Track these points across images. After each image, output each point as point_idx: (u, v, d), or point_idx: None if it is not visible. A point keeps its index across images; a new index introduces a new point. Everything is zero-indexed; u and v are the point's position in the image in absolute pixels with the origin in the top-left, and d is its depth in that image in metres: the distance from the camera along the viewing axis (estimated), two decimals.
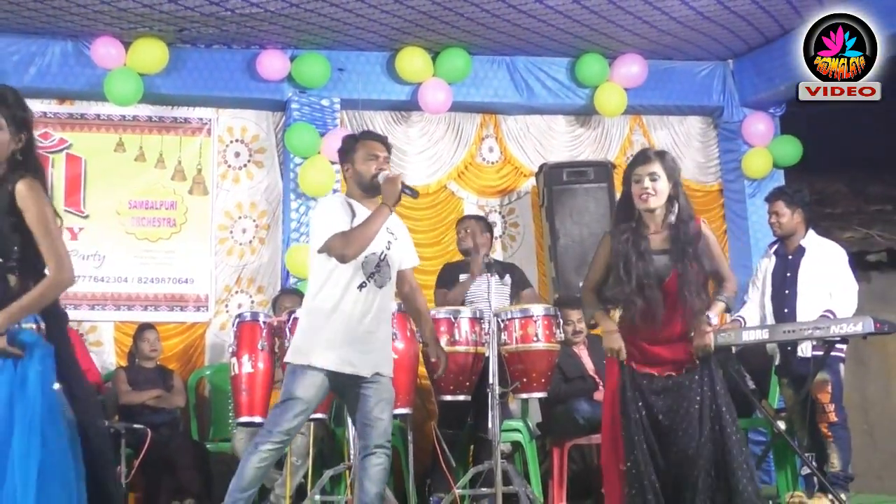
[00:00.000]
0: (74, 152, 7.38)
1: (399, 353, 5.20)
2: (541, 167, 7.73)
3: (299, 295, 6.50)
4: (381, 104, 7.76)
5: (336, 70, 7.51)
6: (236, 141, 7.70)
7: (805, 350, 5.54)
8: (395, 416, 5.08)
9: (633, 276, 4.16)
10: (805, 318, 5.44)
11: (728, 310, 4.47)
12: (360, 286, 4.27)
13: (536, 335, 5.54)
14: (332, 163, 7.30)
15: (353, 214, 4.29)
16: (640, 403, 4.18)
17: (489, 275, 5.44)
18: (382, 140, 4.50)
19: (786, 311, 5.71)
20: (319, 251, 4.25)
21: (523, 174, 8.10)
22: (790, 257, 5.85)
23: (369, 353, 4.28)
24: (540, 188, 7.74)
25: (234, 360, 5.55)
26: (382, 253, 4.34)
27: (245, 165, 7.70)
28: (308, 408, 4.24)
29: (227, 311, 7.42)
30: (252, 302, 7.53)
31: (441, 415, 5.93)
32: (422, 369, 5.75)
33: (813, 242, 5.84)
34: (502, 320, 5.56)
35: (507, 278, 6.31)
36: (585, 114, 8.18)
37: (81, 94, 7.32)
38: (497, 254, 7.71)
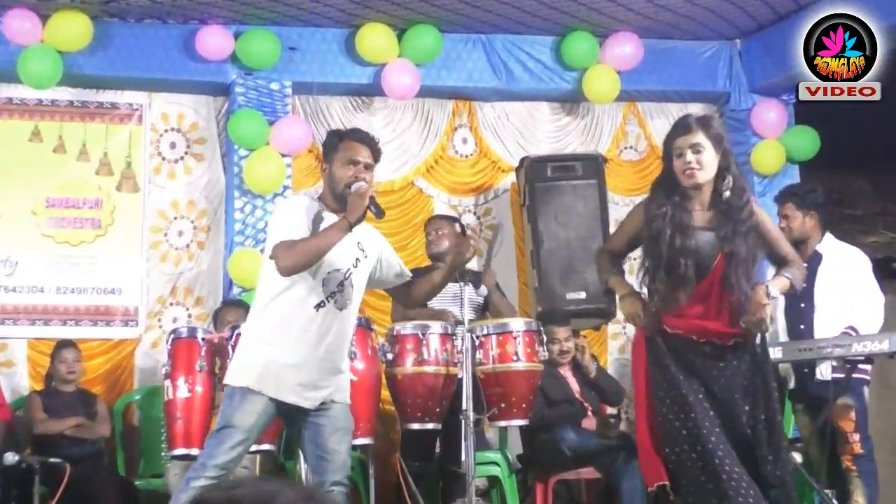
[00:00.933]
0: None
1: (359, 374, 5.17)
2: (521, 161, 7.73)
3: (244, 307, 6.43)
4: (339, 88, 7.73)
5: (287, 49, 7.48)
6: (172, 130, 7.64)
7: (824, 372, 5.51)
8: (354, 448, 5.05)
9: (663, 253, 4.14)
10: (823, 335, 5.43)
11: (793, 289, 4.36)
12: (318, 306, 4.20)
13: (516, 354, 5.52)
14: (283, 155, 7.28)
15: (318, 222, 4.23)
16: (680, 368, 4.16)
17: (463, 284, 5.38)
18: (369, 143, 4.40)
19: (801, 327, 5.69)
20: (270, 258, 4.18)
21: (501, 169, 8.09)
22: (805, 265, 5.82)
23: (320, 386, 4.23)
24: (521, 185, 7.73)
25: (167, 382, 5.50)
26: (348, 271, 4.28)
27: (182, 158, 7.64)
28: (248, 438, 4.17)
29: (161, 327, 7.37)
30: (189, 316, 7.48)
31: (406, 445, 5.88)
32: (385, 393, 5.71)
33: (831, 248, 5.82)
34: (477, 337, 5.54)
35: (483, 289, 6.28)
36: (572, 100, 8.18)
37: None
38: (473, 261, 7.61)
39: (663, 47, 8.10)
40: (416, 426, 5.52)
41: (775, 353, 4.90)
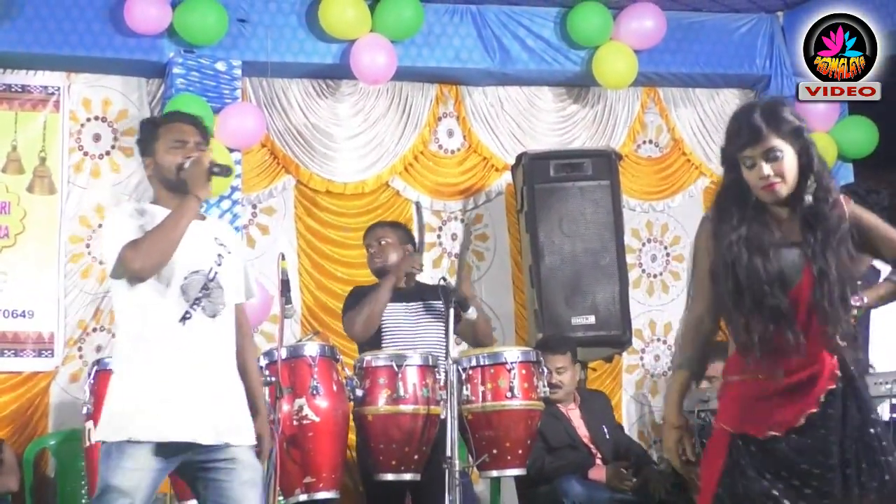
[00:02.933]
0: None
1: (322, 413, 5.22)
2: (519, 158, 7.77)
3: None
4: (299, 69, 7.79)
5: (236, 22, 7.52)
6: (96, 119, 7.68)
7: (883, 413, 5.57)
8: (316, 503, 5.07)
9: (746, 283, 3.91)
10: (883, 369, 5.47)
11: None
12: (183, 318, 4.21)
13: (511, 390, 5.52)
14: (231, 150, 7.31)
15: (149, 219, 4.27)
16: (771, 482, 4.01)
17: (420, 304, 5.43)
18: (193, 121, 4.45)
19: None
20: (114, 276, 4.23)
21: (495, 167, 8.16)
22: (859, 283, 5.90)
23: (208, 412, 4.18)
24: (518, 187, 7.78)
25: (90, 424, 5.49)
26: (211, 271, 4.30)
27: (108, 153, 7.68)
28: (132, 502, 4.11)
29: (82, 357, 7.39)
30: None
31: (375, 501, 5.89)
32: (352, 437, 5.74)
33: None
34: (464, 369, 5.55)
35: (473, 312, 6.29)
36: (581, 84, 8.26)
37: None
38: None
39: (690, 21, 8.19)
40: (390, 477, 5.49)
41: None
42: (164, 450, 4.13)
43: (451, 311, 5.50)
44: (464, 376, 5.53)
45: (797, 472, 3.89)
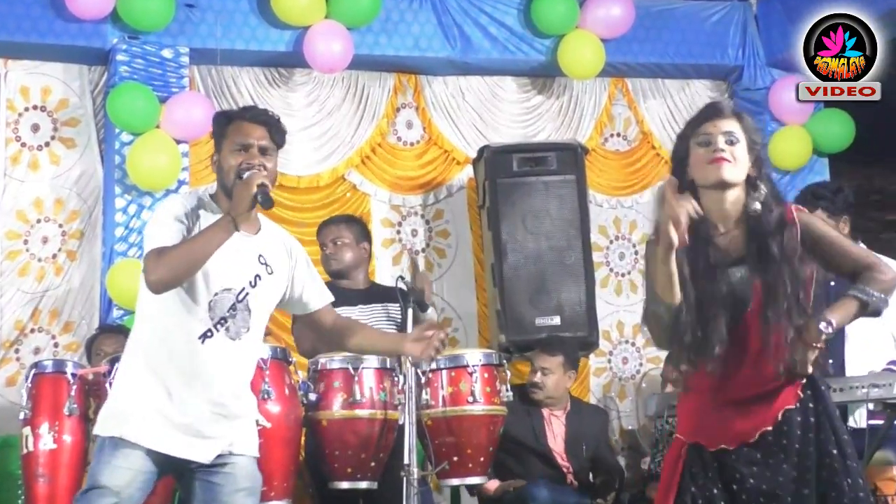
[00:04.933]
0: None
1: (273, 418, 5.15)
2: (481, 151, 7.76)
3: (126, 335, 6.38)
4: (250, 57, 7.77)
5: (184, 6, 7.49)
6: (34, 108, 7.64)
7: (858, 419, 5.58)
8: None
9: (693, 302, 3.87)
10: (858, 372, 5.48)
11: (868, 309, 3.96)
12: (203, 336, 4.18)
13: (473, 394, 5.52)
14: (178, 141, 7.28)
15: (195, 224, 4.22)
16: (720, 493, 4.00)
17: (379, 306, 5.51)
18: (265, 121, 4.36)
19: (830, 361, 5.75)
20: (143, 273, 4.20)
21: (456, 161, 8.18)
22: (832, 284, 5.90)
23: (213, 435, 4.21)
24: (479, 181, 7.78)
25: (27, 430, 5.44)
26: (243, 291, 4.26)
27: (47, 144, 7.64)
28: (119, 501, 4.12)
29: (18, 360, 7.36)
30: (56, 345, 7.48)
31: None
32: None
33: None
34: (423, 372, 5.54)
35: (431, 312, 6.29)
36: (546, 75, 8.26)
37: None
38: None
39: (659, 9, 8.21)
40: (345, 485, 5.48)
41: None
42: (158, 456, 4.14)
43: (409, 311, 5.50)
44: (423, 380, 5.52)
45: (746, 488, 3.89)
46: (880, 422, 5.40)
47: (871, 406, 5.42)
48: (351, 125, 8.02)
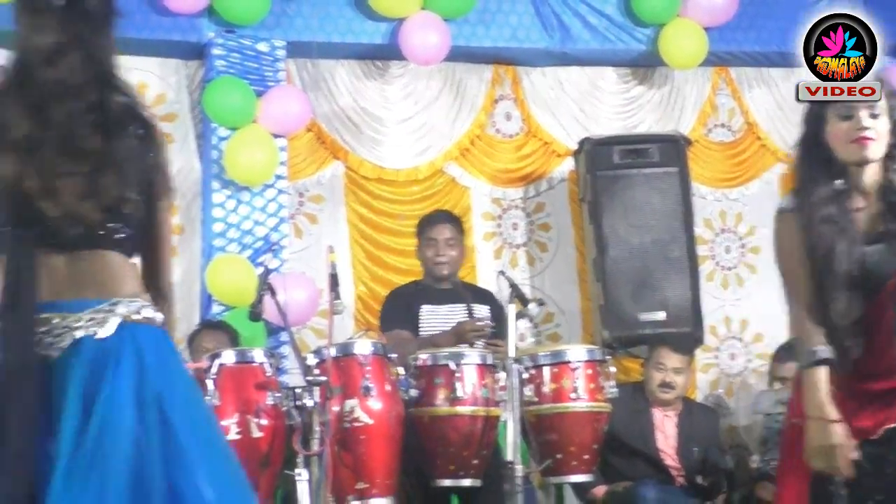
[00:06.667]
0: None
1: (375, 415, 5.23)
2: (581, 143, 7.73)
3: (226, 331, 6.51)
4: (347, 50, 7.78)
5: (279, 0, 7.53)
6: None
7: None
8: None
9: (841, 278, 3.67)
10: None
11: None
12: None
13: (576, 391, 5.54)
14: (275, 136, 7.31)
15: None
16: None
17: (467, 306, 5.56)
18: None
19: None
20: None
21: (556, 153, 8.13)
22: None
23: None
24: (580, 174, 7.75)
25: None
26: None
27: None
28: None
29: None
30: None
31: None
32: None
33: None
34: (526, 368, 5.55)
35: (486, 309, 6.34)
36: (647, 65, 8.20)
37: None
38: (522, 270, 7.85)
39: None
40: (447, 482, 5.51)
41: None
42: None
43: (512, 305, 5.48)
44: (525, 376, 5.52)
45: (862, 485, 3.72)
46: None
47: None
48: (448, 117, 8.01)
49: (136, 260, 3.29)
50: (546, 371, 5.57)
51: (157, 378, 3.06)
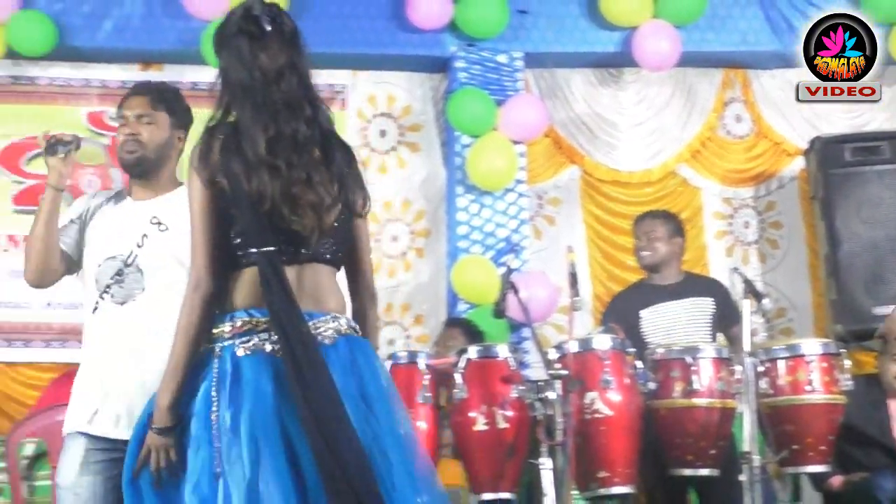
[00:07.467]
0: None
1: (614, 406, 5.28)
2: (812, 142, 7.71)
3: (470, 328, 6.66)
4: (581, 59, 7.90)
5: (516, 13, 7.67)
6: (382, 115, 7.94)
7: None
8: (610, 498, 5.21)
9: None
10: None
11: None
12: (94, 309, 4.12)
13: (811, 383, 5.48)
14: (515, 142, 7.47)
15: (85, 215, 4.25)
16: None
17: (688, 301, 5.59)
18: (137, 90, 4.30)
19: None
20: None
21: (786, 153, 8.11)
22: None
23: (111, 406, 4.02)
24: (811, 172, 7.72)
25: None
26: (131, 254, 4.09)
27: (394, 148, 7.94)
28: (80, 497, 4.00)
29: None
30: (408, 337, 7.74)
31: (663, 496, 5.94)
32: None
33: None
34: (761, 362, 5.53)
35: (710, 301, 6.33)
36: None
37: (170, 55, 7.67)
38: (754, 267, 7.84)
39: None
40: (687, 472, 5.52)
41: None
42: (95, 442, 4.03)
43: (747, 301, 5.46)
44: (761, 369, 5.49)
45: None
46: None
47: None
48: (679, 121, 8.05)
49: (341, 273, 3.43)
50: (781, 364, 5.51)
51: (368, 380, 3.24)
